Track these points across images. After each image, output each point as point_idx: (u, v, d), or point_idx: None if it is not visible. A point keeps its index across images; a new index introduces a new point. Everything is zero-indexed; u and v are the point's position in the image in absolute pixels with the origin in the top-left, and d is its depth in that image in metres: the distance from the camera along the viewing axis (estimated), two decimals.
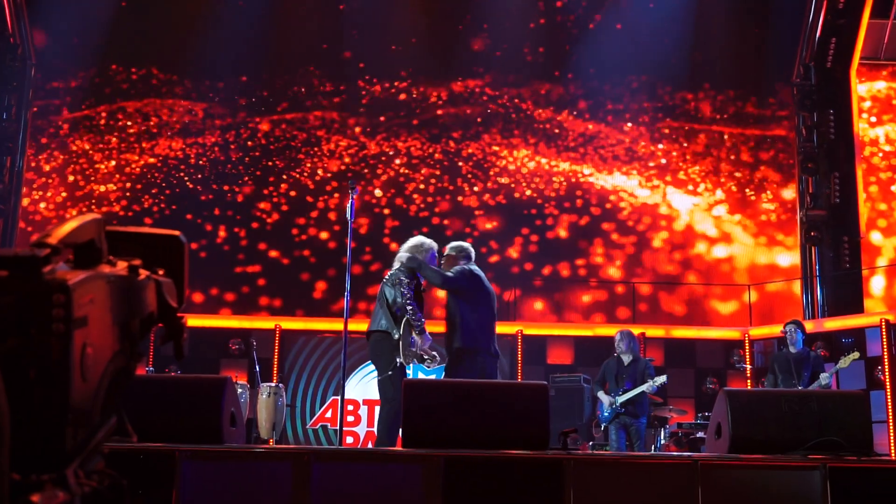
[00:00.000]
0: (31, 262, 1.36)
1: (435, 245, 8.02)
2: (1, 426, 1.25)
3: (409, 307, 7.49)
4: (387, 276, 7.87)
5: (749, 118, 16.98)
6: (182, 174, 16.16)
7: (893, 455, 11.76)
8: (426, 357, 7.71)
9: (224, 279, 15.65)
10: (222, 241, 15.93)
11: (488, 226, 16.35)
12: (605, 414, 10.29)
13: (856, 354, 10.69)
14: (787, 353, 10.40)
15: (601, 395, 10.38)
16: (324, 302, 15.58)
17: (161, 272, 1.69)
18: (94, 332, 1.42)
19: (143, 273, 1.61)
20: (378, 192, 16.41)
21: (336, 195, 16.25)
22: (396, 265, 7.82)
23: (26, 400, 1.33)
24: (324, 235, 16.15)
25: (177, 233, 1.78)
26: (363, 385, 13.00)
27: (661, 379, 10.25)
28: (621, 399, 10.14)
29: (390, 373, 7.48)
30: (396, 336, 7.49)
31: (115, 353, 1.52)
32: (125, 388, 1.58)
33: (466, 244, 8.07)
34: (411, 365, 7.69)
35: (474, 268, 7.84)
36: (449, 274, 7.65)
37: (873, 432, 6.23)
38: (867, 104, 16.65)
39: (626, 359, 10.38)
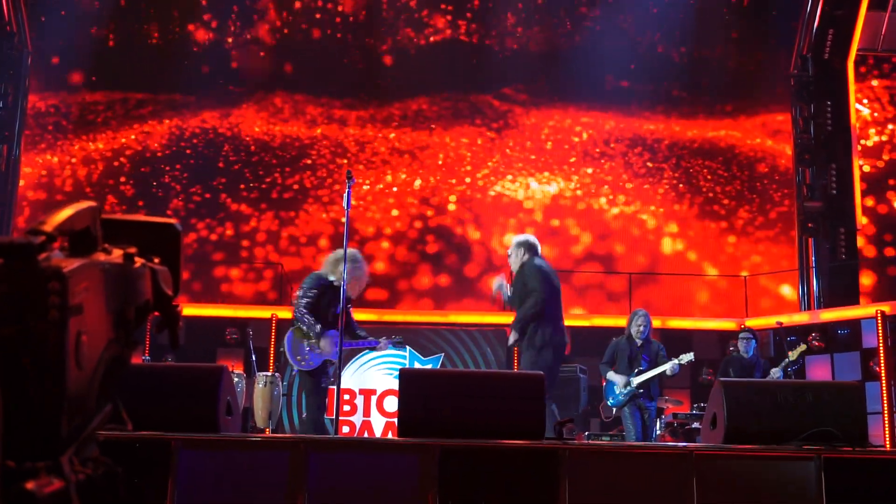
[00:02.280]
0: (26, 249, 1.36)
1: (340, 254, 8.02)
2: None
3: (304, 318, 7.75)
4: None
5: (745, 109, 16.96)
6: (177, 163, 16.14)
7: (888, 446, 11.79)
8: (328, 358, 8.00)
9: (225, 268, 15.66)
10: (222, 234, 15.93)
11: (483, 216, 16.36)
12: (619, 396, 9.82)
13: (803, 347, 11.19)
14: (741, 357, 10.82)
15: (612, 375, 9.89)
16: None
17: (156, 260, 1.69)
18: (90, 320, 1.42)
19: (139, 261, 1.61)
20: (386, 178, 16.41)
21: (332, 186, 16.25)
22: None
23: (21, 388, 1.33)
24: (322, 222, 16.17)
25: (172, 221, 1.78)
26: (359, 374, 13.00)
27: (688, 356, 9.83)
28: (639, 380, 9.70)
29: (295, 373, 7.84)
30: (282, 349, 7.81)
31: (111, 340, 1.52)
32: (120, 376, 1.57)
33: (530, 237, 8.05)
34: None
35: (540, 262, 7.87)
36: (532, 300, 7.70)
37: (868, 423, 6.25)
38: None
39: (639, 340, 9.96)
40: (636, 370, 9.82)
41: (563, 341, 8.06)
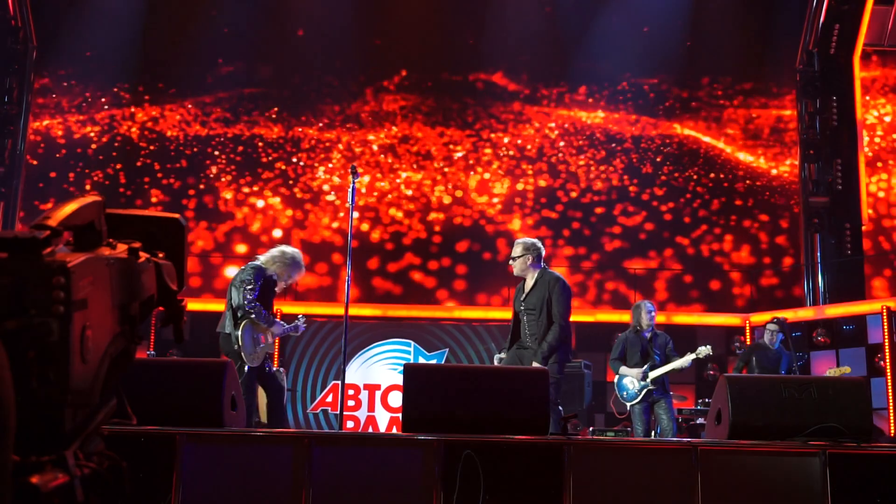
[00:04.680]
0: (31, 244, 1.36)
1: (297, 253, 8.13)
2: (5, 418, 1.25)
3: (250, 308, 7.74)
4: (237, 277, 8.00)
5: (750, 104, 16.92)
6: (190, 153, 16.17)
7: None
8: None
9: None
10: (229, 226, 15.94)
11: (490, 210, 16.35)
12: (633, 392, 9.61)
13: (846, 369, 11.24)
14: (767, 347, 10.58)
15: (625, 370, 9.65)
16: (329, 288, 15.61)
17: (161, 255, 1.68)
18: (94, 315, 1.42)
19: (143, 256, 1.61)
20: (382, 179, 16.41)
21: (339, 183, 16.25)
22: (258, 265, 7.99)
23: (26, 381, 1.33)
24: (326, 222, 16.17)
25: (177, 216, 1.77)
26: (364, 370, 13.03)
27: (706, 349, 9.60)
28: (654, 374, 9.49)
29: (237, 366, 7.71)
30: (237, 346, 7.66)
31: (116, 335, 1.52)
32: (125, 370, 1.58)
33: (537, 241, 7.99)
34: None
35: (561, 278, 7.82)
36: (558, 330, 7.56)
37: (873, 419, 6.24)
38: None
39: (648, 333, 9.75)
40: (649, 364, 9.59)
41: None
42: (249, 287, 7.83)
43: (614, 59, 16.73)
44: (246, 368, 7.72)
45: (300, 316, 8.83)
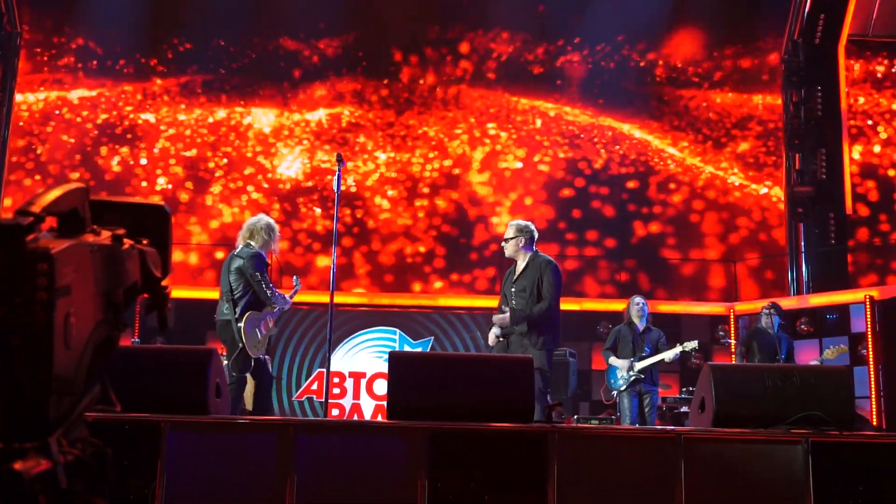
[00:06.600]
0: (14, 230, 1.36)
1: (270, 221, 8.03)
2: None
3: (274, 302, 7.74)
4: (231, 264, 7.83)
5: (735, 92, 16.95)
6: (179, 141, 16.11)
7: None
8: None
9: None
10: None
11: (482, 192, 16.34)
12: (620, 381, 10.02)
13: (843, 347, 11.24)
14: (766, 331, 10.64)
15: (614, 360, 10.11)
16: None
17: (145, 242, 1.68)
18: (78, 301, 1.42)
19: (128, 242, 1.61)
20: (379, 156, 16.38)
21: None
22: (243, 251, 7.83)
23: (9, 368, 1.33)
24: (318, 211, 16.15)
25: (161, 202, 1.77)
26: (349, 357, 13.02)
27: (692, 344, 10.11)
28: (641, 365, 9.92)
29: (234, 354, 7.69)
30: (237, 335, 7.58)
31: (99, 322, 1.51)
32: (109, 357, 1.57)
33: (531, 224, 8.03)
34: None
35: (553, 261, 7.86)
36: (546, 305, 7.63)
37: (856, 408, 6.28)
38: None
39: (640, 326, 10.23)
40: (638, 356, 9.99)
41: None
42: (261, 281, 7.73)
43: (592, 40, 16.70)
44: (240, 346, 7.64)
45: (294, 277, 8.78)
